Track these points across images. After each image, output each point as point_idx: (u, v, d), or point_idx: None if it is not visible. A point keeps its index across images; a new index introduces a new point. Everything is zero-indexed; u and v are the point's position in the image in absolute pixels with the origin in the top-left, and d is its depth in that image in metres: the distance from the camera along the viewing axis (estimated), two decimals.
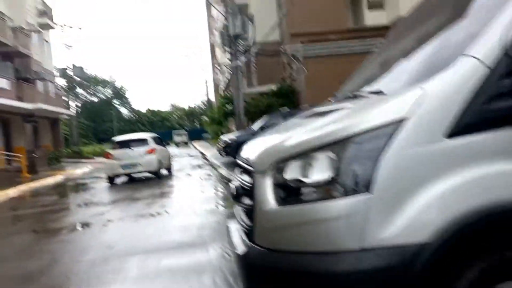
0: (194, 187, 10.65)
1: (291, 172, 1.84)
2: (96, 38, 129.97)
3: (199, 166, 16.90)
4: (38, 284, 3.90)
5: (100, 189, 12.01)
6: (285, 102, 21.98)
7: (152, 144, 13.61)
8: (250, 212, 2.09)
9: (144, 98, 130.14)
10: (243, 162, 2.38)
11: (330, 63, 19.89)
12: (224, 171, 12.83)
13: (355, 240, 1.64)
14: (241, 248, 2.13)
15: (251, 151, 2.37)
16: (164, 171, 14.40)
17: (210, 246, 4.62)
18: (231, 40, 21.37)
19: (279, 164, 1.89)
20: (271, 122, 14.60)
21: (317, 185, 1.76)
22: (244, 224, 2.23)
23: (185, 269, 3.92)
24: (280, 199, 1.87)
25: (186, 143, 48.86)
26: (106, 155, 13.47)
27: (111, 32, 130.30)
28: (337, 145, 1.73)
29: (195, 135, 54.87)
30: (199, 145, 35.72)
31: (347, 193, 1.67)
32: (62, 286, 3.87)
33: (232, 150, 14.49)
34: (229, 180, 10.24)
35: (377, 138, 1.67)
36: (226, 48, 24.76)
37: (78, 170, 20.11)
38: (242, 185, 2.29)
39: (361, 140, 1.69)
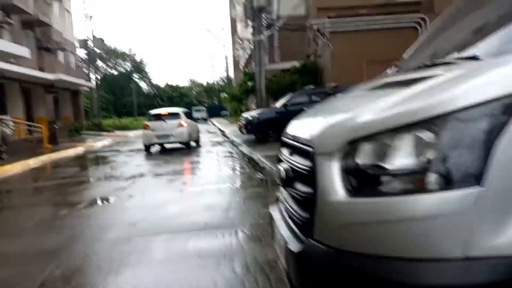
0: (216, 164, 10.42)
1: (368, 156, 1.47)
2: (117, 10, 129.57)
3: (219, 143, 16.63)
4: (56, 261, 3.67)
5: (121, 163, 11.85)
6: (309, 80, 21.36)
7: (184, 118, 14.89)
8: (307, 201, 1.73)
9: (163, 73, 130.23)
10: (296, 141, 2.00)
11: (358, 39, 19.13)
12: (245, 149, 12.51)
13: (458, 246, 1.26)
14: (294, 244, 1.78)
15: (305, 128, 2.00)
16: (193, 143, 15.62)
17: (239, 228, 4.32)
18: (254, 13, 20.73)
19: (351, 145, 1.51)
20: (295, 100, 14.16)
21: (405, 173, 1.38)
22: (296, 215, 1.87)
23: (214, 253, 3.62)
24: (351, 188, 1.50)
25: (205, 120, 48.72)
26: (144, 126, 14.79)
27: (131, 5, 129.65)
28: (434, 123, 1.33)
29: (214, 111, 54.68)
30: (218, 122, 35.46)
31: (448, 185, 1.29)
32: (82, 265, 3.62)
33: (253, 127, 14.15)
34: (251, 159, 9.97)
35: (493, 114, 1.27)
36: (249, 22, 24.21)
37: (99, 143, 20.09)
38: (294, 168, 1.93)
39: (470, 116, 1.29)
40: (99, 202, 6.53)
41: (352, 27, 19.74)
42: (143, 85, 75.13)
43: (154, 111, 15.69)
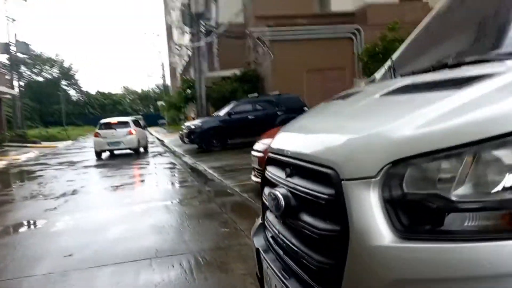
0: (160, 177, 9.69)
1: (422, 181, 1.07)
2: (44, 14, 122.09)
3: (160, 154, 15.80)
4: None
5: (50, 178, 10.70)
6: (250, 88, 21.16)
7: (133, 126, 16.22)
8: (327, 242, 1.29)
9: (94, 80, 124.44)
10: (300, 159, 1.56)
11: (298, 48, 19.26)
12: (189, 159, 11.90)
13: None
14: None
15: (312, 143, 1.57)
16: (142, 150, 17.04)
17: (198, 254, 3.78)
18: (192, 19, 20.20)
19: (397, 166, 1.10)
20: (239, 108, 13.80)
21: (482, 207, 0.99)
22: (305, 257, 1.42)
23: None
24: (401, 227, 1.09)
25: (143, 129, 46.81)
26: (95, 134, 15.91)
27: (59, 8, 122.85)
28: None
29: (150, 120, 52.81)
30: (156, 131, 34.18)
31: None
32: None
33: (196, 137, 13.58)
34: (197, 170, 9.40)
35: None
36: (187, 28, 23.55)
37: (23, 155, 18.32)
38: (300, 195, 1.48)
39: None
40: (25, 227, 5.64)
41: (291, 36, 19.85)
42: (72, 92, 71.11)
43: (104, 120, 16.79)
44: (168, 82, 57.17)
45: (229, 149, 13.29)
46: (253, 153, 6.12)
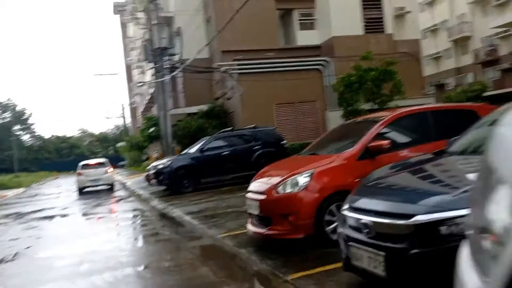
0: (125, 230, 8.08)
1: None
2: None
3: (123, 199, 14.09)
4: None
5: None
6: (218, 124, 20.05)
7: (109, 166, 18.87)
8: None
9: (50, 123, 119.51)
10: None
11: (267, 82, 18.47)
12: (159, 204, 10.40)
13: None
14: None
15: None
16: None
17: None
18: (156, 54, 19.14)
19: None
20: (212, 145, 12.55)
21: None
22: None
23: None
24: None
25: None
26: (78, 173, 18.14)
27: (11, 50, 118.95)
28: None
29: (110, 163, 50.27)
30: (116, 173, 32.01)
31: None
32: None
33: (166, 177, 12.11)
34: (171, 218, 7.95)
35: None
36: (148, 65, 22.43)
37: None
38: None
39: None
40: None
41: (259, 69, 19.14)
42: (27, 137, 67.35)
43: (84, 162, 19.19)
44: (129, 122, 55.20)
45: (202, 190, 11.91)
46: (250, 195, 4.87)
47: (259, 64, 19.59)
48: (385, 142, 4.42)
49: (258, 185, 4.87)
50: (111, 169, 19.05)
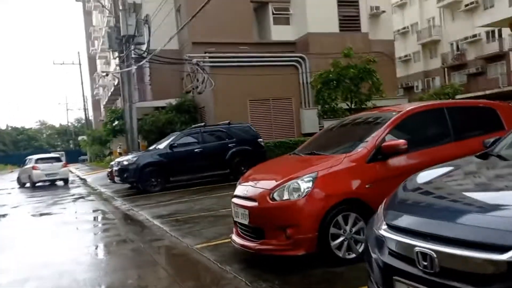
0: (86, 238, 7.04)
1: None
2: None
3: (82, 197, 12.88)
4: None
5: None
6: (188, 118, 19.07)
7: (64, 160, 20.27)
8: None
9: (5, 114, 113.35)
10: None
11: (240, 77, 17.65)
12: (122, 205, 9.41)
13: None
14: None
15: None
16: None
17: None
18: (121, 43, 17.87)
19: None
20: (184, 140, 11.63)
21: None
22: None
23: None
24: None
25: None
26: (34, 167, 18.31)
27: None
28: None
29: (70, 157, 47.77)
30: (76, 168, 30.26)
31: None
32: None
33: (131, 175, 11.13)
34: (137, 222, 6.96)
35: None
36: (113, 55, 21.08)
37: None
38: None
39: None
40: None
41: (233, 63, 18.30)
42: None
43: (40, 156, 19.95)
44: (91, 115, 52.84)
45: (171, 189, 10.98)
46: (237, 201, 4.08)
47: (232, 57, 18.75)
48: (401, 141, 3.75)
49: (246, 189, 4.08)
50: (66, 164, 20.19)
